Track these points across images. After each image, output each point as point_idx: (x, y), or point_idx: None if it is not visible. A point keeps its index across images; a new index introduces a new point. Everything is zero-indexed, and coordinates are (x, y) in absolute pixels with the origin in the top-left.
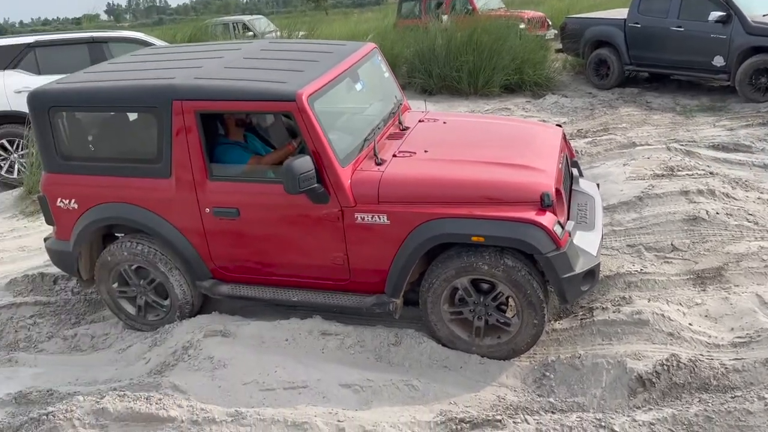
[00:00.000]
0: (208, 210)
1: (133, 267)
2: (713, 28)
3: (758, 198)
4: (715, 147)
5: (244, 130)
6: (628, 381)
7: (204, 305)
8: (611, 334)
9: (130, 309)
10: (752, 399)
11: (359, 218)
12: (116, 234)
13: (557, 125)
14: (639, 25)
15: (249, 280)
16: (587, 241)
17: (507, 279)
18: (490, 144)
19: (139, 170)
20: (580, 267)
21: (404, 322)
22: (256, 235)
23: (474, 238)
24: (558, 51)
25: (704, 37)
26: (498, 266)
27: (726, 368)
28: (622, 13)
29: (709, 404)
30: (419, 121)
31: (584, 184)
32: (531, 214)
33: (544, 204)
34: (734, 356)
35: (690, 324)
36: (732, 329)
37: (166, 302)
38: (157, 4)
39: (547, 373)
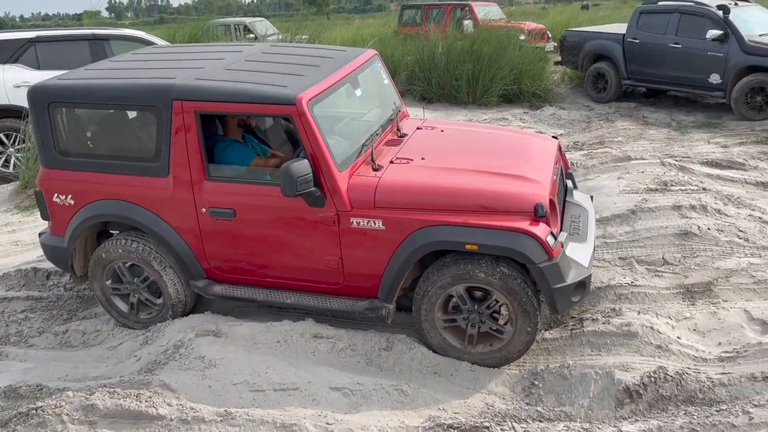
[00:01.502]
0: (204, 210)
1: (128, 264)
2: (710, 46)
3: (749, 215)
4: (709, 163)
5: (242, 131)
6: (616, 392)
7: (197, 305)
8: (600, 345)
9: (123, 306)
10: (737, 413)
11: (355, 223)
12: (111, 231)
13: (553, 137)
14: (637, 41)
15: (243, 281)
16: (579, 253)
17: (503, 287)
18: (486, 153)
19: (137, 168)
20: (572, 278)
21: (396, 327)
22: (251, 237)
23: (468, 246)
24: (557, 63)
25: (701, 55)
26: (494, 274)
27: (712, 382)
28: (621, 28)
29: (695, 417)
30: (417, 128)
31: (578, 196)
32: (524, 224)
33: (537, 215)
34: (721, 370)
35: (678, 337)
36: (719, 344)
37: (159, 301)
38: (159, 3)
39: (536, 382)
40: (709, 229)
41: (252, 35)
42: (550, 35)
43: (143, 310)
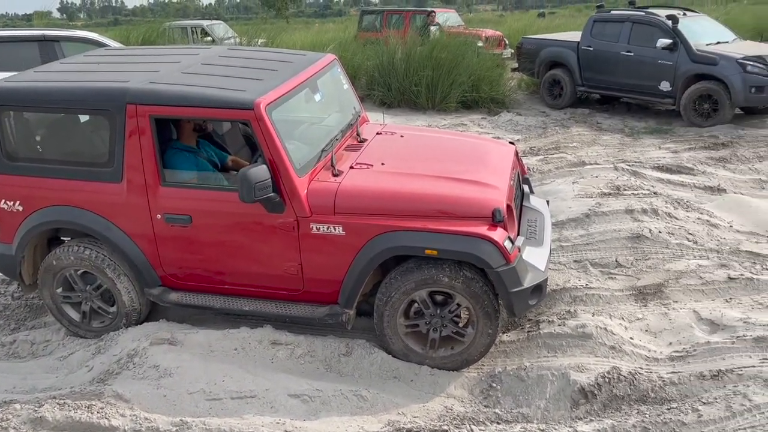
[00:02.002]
0: (159, 216)
1: (80, 272)
2: (661, 54)
3: (698, 218)
4: (660, 168)
5: (197, 136)
6: (571, 392)
7: (152, 313)
8: (556, 347)
9: (74, 315)
10: (687, 411)
11: (314, 228)
12: (63, 238)
13: (510, 142)
14: (591, 49)
15: (199, 288)
16: (536, 257)
17: (465, 290)
18: (445, 159)
19: (89, 173)
20: (528, 282)
21: (355, 332)
22: (208, 243)
23: (428, 251)
24: (514, 70)
25: (652, 63)
26: (458, 278)
27: (663, 381)
28: (576, 35)
29: (647, 416)
30: (377, 133)
31: (534, 201)
32: (483, 230)
33: (495, 220)
34: (671, 370)
35: (631, 338)
36: (670, 344)
37: (113, 309)
38: (113, 5)
39: (494, 384)
40: (660, 232)
41: (209, 38)
42: (507, 42)
43: (96, 319)
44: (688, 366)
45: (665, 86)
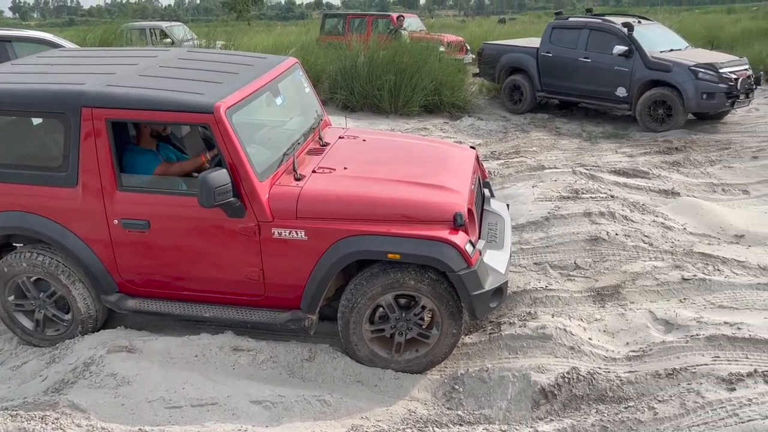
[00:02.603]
0: (116, 221)
1: (32, 279)
2: (617, 61)
3: (653, 221)
4: (617, 172)
5: (157, 140)
6: (532, 393)
7: (109, 320)
8: (518, 348)
9: (27, 323)
10: (643, 409)
11: (276, 233)
12: (15, 244)
13: (471, 147)
14: (550, 55)
15: (158, 294)
16: (496, 260)
17: (431, 292)
18: (407, 163)
19: (42, 178)
20: (489, 284)
21: (318, 337)
22: (167, 249)
23: (390, 256)
24: (475, 75)
25: (609, 69)
26: (423, 280)
27: (621, 380)
28: (535, 42)
29: (605, 415)
30: (339, 137)
31: (495, 205)
32: (444, 233)
33: (456, 224)
34: (628, 369)
35: (590, 338)
36: (627, 343)
37: (68, 317)
38: (68, 4)
39: (456, 387)
40: (617, 234)
41: (168, 40)
42: (468, 48)
43: (50, 327)
44: (644, 365)
45: (621, 92)
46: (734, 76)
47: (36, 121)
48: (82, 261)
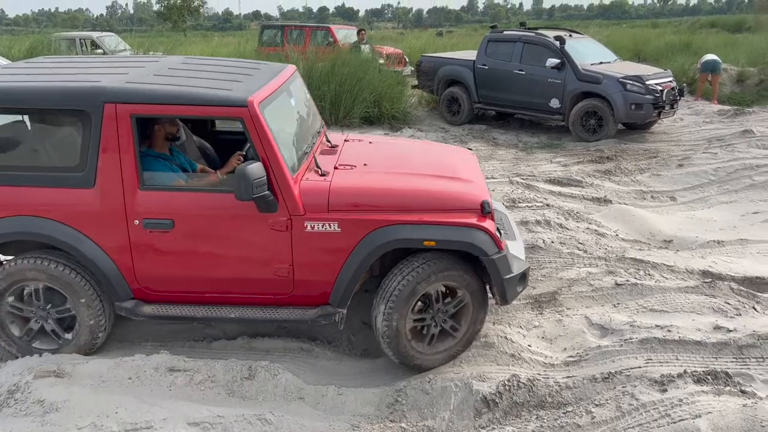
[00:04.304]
0: (137, 222)
1: (43, 287)
2: (550, 73)
3: (587, 228)
4: (552, 181)
5: (170, 143)
6: (474, 402)
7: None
8: (460, 357)
9: (15, 329)
10: (581, 413)
11: (309, 227)
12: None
13: (468, 149)
14: (486, 67)
15: (177, 298)
16: (515, 248)
17: (470, 283)
18: (421, 160)
19: (54, 179)
20: (516, 269)
21: (257, 354)
22: (190, 248)
23: (426, 243)
24: (414, 87)
25: (542, 81)
26: (467, 271)
27: (559, 386)
28: (472, 54)
29: (545, 420)
30: (344, 140)
31: (494, 203)
32: (476, 220)
33: (484, 211)
34: (566, 374)
35: (529, 345)
36: (564, 349)
37: (67, 335)
38: None
39: (399, 399)
40: (552, 242)
41: (100, 50)
42: (407, 60)
43: (39, 340)
44: (581, 370)
45: (555, 103)
46: (660, 88)
47: (49, 120)
48: (96, 265)
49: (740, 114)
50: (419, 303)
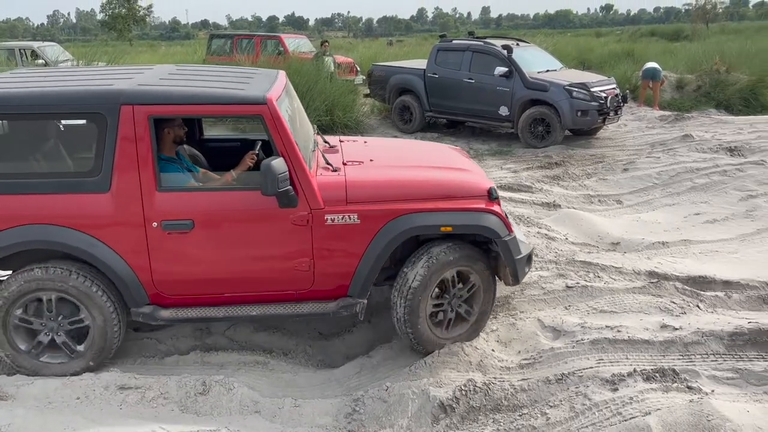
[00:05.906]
0: (155, 224)
1: (56, 298)
2: (498, 81)
3: (537, 232)
4: (502, 187)
5: (177, 146)
6: (432, 408)
7: None
8: (416, 364)
9: (22, 343)
10: (536, 415)
11: (329, 220)
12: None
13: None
14: (436, 76)
15: (194, 300)
16: (517, 233)
17: (482, 268)
18: (420, 155)
19: (66, 185)
20: (524, 251)
21: (212, 368)
22: (210, 248)
23: (443, 229)
24: (366, 96)
25: (491, 89)
26: (479, 255)
27: (515, 389)
28: (423, 63)
29: (501, 424)
30: (340, 141)
31: None
32: (486, 205)
33: (491, 197)
34: (521, 377)
35: (485, 349)
36: (519, 352)
37: (80, 347)
38: None
39: (357, 408)
40: None
41: (41, 61)
42: (358, 69)
43: (48, 354)
44: (535, 372)
45: (504, 111)
46: (604, 95)
47: (59, 125)
48: (112, 270)
49: (680, 119)
50: (436, 289)
